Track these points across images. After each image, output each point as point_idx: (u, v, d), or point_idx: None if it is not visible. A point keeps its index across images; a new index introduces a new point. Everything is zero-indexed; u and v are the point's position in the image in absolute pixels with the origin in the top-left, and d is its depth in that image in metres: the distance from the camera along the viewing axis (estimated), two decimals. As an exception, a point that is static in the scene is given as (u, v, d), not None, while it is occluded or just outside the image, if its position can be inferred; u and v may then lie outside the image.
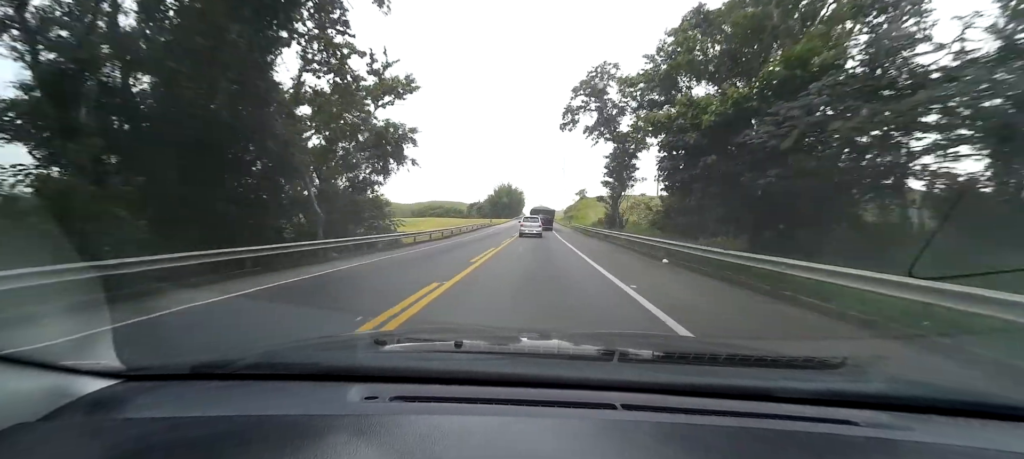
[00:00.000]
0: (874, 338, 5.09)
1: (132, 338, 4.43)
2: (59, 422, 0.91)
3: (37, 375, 0.96)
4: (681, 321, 5.44)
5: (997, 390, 2.25)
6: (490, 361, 1.39)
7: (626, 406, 1.00)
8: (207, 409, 1.00)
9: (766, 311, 6.68)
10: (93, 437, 0.88)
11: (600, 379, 1.16)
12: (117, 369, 1.12)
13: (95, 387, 1.04)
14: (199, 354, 1.30)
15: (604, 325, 5.54)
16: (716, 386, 1.13)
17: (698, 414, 0.98)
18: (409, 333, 3.08)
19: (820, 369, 1.46)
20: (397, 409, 0.99)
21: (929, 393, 1.18)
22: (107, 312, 4.85)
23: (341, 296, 7.91)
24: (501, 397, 1.03)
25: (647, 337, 3.53)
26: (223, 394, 1.08)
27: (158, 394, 1.08)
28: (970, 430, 1.00)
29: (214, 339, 4.65)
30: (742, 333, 5.45)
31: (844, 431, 0.95)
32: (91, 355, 1.15)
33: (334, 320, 5.69)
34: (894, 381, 1.34)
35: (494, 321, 5.63)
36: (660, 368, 1.41)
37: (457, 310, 6.19)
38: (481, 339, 1.73)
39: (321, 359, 1.32)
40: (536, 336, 2.09)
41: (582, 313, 6.28)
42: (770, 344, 4.78)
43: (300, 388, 1.10)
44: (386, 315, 5.46)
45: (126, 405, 1.01)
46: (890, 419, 1.00)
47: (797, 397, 1.08)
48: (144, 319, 5.21)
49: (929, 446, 0.93)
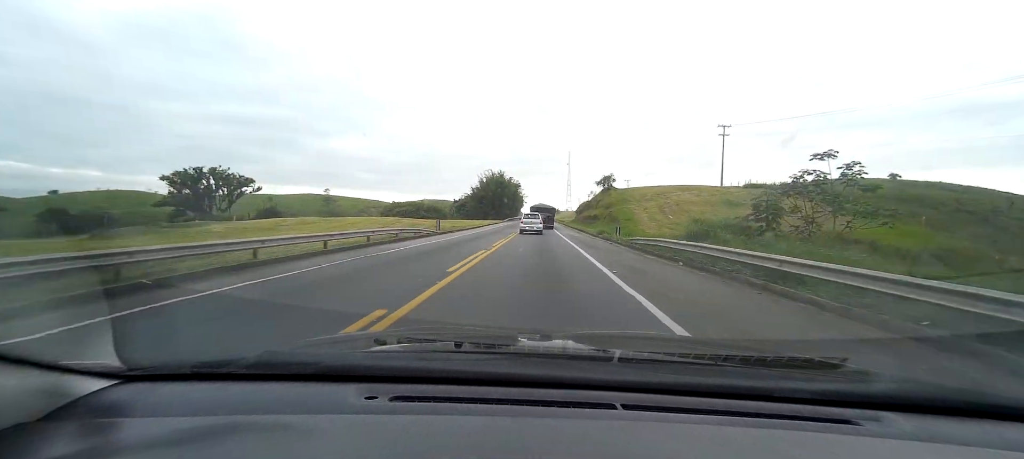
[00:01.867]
0: (874, 338, 5.10)
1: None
2: (59, 422, 0.91)
3: (37, 375, 0.96)
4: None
5: (997, 389, 2.25)
6: (490, 361, 1.39)
7: (626, 406, 1.01)
8: (207, 409, 1.00)
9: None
10: (93, 437, 0.88)
11: (600, 379, 1.16)
12: (117, 369, 1.12)
13: (95, 387, 1.04)
14: (200, 354, 1.30)
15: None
16: (716, 386, 1.13)
17: (698, 414, 0.98)
18: (409, 333, 3.08)
19: (820, 369, 1.46)
20: (397, 409, 0.99)
21: (929, 392, 1.18)
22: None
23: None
24: (501, 397, 1.03)
25: (647, 338, 3.53)
26: (223, 394, 1.08)
27: (158, 394, 1.08)
28: (971, 429, 1.00)
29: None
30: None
31: (844, 431, 0.95)
32: (93, 354, 1.15)
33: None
34: (894, 381, 1.34)
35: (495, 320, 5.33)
36: (660, 368, 1.41)
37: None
38: (481, 339, 1.73)
39: (321, 359, 1.32)
40: (536, 336, 2.09)
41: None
42: (770, 344, 4.78)
43: (300, 388, 1.10)
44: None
45: (126, 405, 1.01)
46: (890, 419, 1.00)
47: (797, 397, 1.08)
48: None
49: (929, 446, 0.93)
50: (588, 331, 3.93)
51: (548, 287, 7.79)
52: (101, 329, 4.55)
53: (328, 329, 4.51)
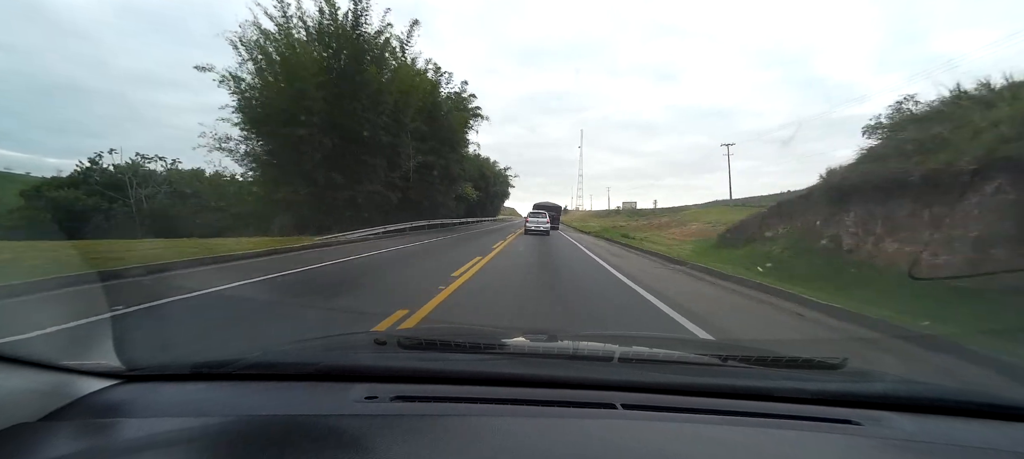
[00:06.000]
0: (874, 338, 5.09)
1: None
2: (59, 422, 0.91)
3: (37, 375, 0.96)
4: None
5: (998, 389, 2.25)
6: (490, 361, 1.39)
7: (626, 406, 1.01)
8: (208, 409, 1.00)
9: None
10: (93, 437, 0.88)
11: (600, 379, 1.16)
12: (117, 369, 1.12)
13: (95, 387, 1.04)
14: (200, 354, 1.30)
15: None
16: (716, 386, 1.13)
17: (698, 414, 0.99)
18: (410, 332, 3.08)
19: (820, 369, 1.46)
20: (398, 409, 0.99)
21: (929, 393, 1.18)
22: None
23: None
24: (501, 397, 1.03)
25: (648, 337, 3.53)
26: (224, 394, 1.08)
27: (158, 394, 1.08)
28: (970, 429, 1.00)
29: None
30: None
31: (845, 431, 0.96)
32: (94, 354, 1.15)
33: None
34: (894, 381, 1.34)
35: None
36: (660, 368, 1.41)
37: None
38: (482, 338, 1.73)
39: (322, 359, 1.32)
40: (537, 336, 2.09)
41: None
42: (770, 344, 4.78)
43: (301, 388, 1.10)
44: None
45: (126, 405, 1.01)
46: (891, 419, 1.00)
47: (798, 397, 1.08)
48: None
49: (929, 446, 0.93)
50: (589, 331, 3.93)
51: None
52: (101, 327, 4.56)
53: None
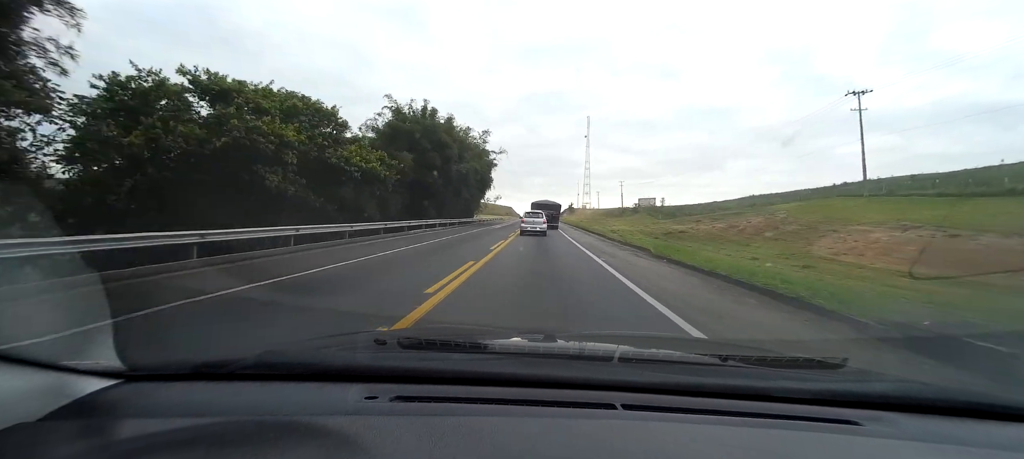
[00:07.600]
0: (874, 338, 5.09)
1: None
2: (59, 422, 0.91)
3: (37, 375, 0.96)
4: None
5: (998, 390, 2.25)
6: (490, 361, 1.39)
7: (626, 406, 1.00)
8: (207, 409, 1.00)
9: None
10: (93, 437, 0.88)
11: (600, 379, 1.16)
12: (117, 369, 1.12)
13: (95, 387, 1.04)
14: (200, 354, 1.30)
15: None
16: (716, 386, 1.13)
17: (698, 414, 0.98)
18: (410, 333, 3.08)
19: (820, 369, 1.46)
20: (398, 409, 0.99)
21: (929, 393, 1.18)
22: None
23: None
24: (501, 397, 1.03)
25: (647, 337, 3.53)
26: (223, 394, 1.08)
27: (158, 394, 1.08)
28: (970, 430, 1.00)
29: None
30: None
31: (845, 431, 0.95)
32: (94, 354, 1.15)
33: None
34: (894, 381, 1.34)
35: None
36: (660, 368, 1.41)
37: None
38: (482, 339, 1.73)
39: (321, 359, 1.32)
40: (537, 336, 2.09)
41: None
42: (770, 344, 4.78)
43: (300, 388, 1.10)
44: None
45: (126, 405, 1.01)
46: (890, 419, 1.00)
47: (797, 397, 1.08)
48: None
49: (930, 446, 0.93)
50: (589, 331, 3.93)
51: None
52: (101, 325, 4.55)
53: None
